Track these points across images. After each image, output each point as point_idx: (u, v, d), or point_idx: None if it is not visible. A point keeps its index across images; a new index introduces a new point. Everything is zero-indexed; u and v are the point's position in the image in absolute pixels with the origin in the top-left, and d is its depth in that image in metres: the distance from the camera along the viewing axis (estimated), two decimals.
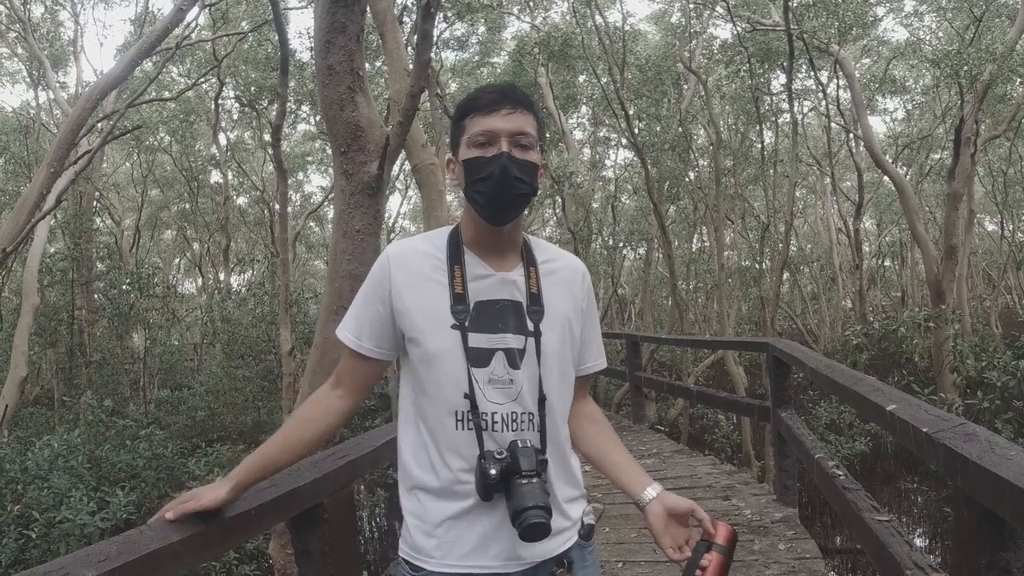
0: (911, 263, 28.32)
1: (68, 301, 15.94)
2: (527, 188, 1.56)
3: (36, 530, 7.22)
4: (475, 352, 1.56)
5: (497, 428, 1.56)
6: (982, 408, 8.21)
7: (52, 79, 18.08)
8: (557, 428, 1.63)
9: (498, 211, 1.57)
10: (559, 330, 1.63)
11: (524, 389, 1.58)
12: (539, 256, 1.69)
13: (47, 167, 10.08)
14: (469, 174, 1.57)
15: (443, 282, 1.60)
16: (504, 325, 1.59)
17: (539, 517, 1.45)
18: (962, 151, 14.01)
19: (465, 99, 1.64)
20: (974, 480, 1.83)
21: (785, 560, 4.32)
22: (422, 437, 1.61)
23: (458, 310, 1.57)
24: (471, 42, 20.70)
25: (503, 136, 1.54)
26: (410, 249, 1.66)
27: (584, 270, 1.76)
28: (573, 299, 1.69)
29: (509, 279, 1.62)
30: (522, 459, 1.50)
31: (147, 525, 1.73)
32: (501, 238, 1.63)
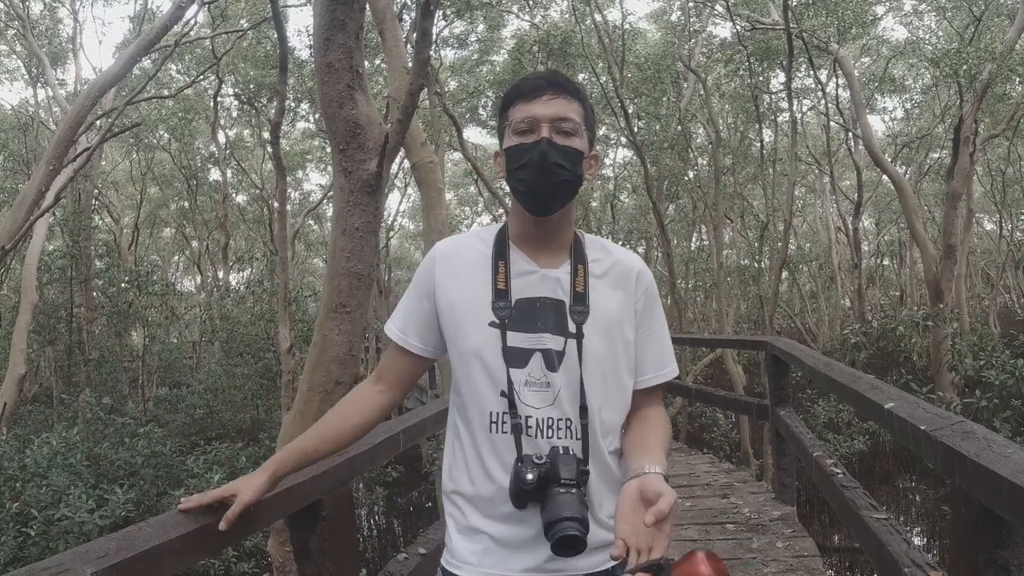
0: (910, 262, 28.33)
1: (67, 299, 15.94)
2: (569, 175, 1.49)
3: (35, 527, 7.23)
4: (513, 352, 1.50)
5: (532, 433, 1.48)
6: (980, 407, 8.22)
7: (51, 76, 18.05)
8: (599, 437, 1.53)
9: (539, 200, 1.51)
10: (605, 333, 1.54)
11: (562, 394, 1.50)
12: (591, 254, 1.60)
13: (46, 164, 10.07)
14: (510, 162, 1.52)
15: (487, 278, 1.55)
16: (544, 324, 1.52)
17: (574, 529, 1.35)
18: (961, 150, 14.01)
19: (509, 88, 1.59)
20: (972, 478, 1.83)
21: (783, 558, 4.32)
22: (461, 441, 1.58)
23: (499, 307, 1.52)
24: (470, 40, 20.69)
25: (544, 122, 1.49)
26: (457, 245, 1.63)
27: (642, 269, 1.64)
28: (626, 301, 1.58)
29: (552, 276, 1.55)
30: (563, 467, 1.41)
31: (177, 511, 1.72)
32: (547, 231, 1.56)
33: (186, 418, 13.61)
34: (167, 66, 18.48)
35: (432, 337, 1.62)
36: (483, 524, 1.52)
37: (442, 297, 1.57)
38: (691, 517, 5.29)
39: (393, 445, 3.13)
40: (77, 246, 16.07)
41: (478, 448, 1.53)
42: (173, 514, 1.84)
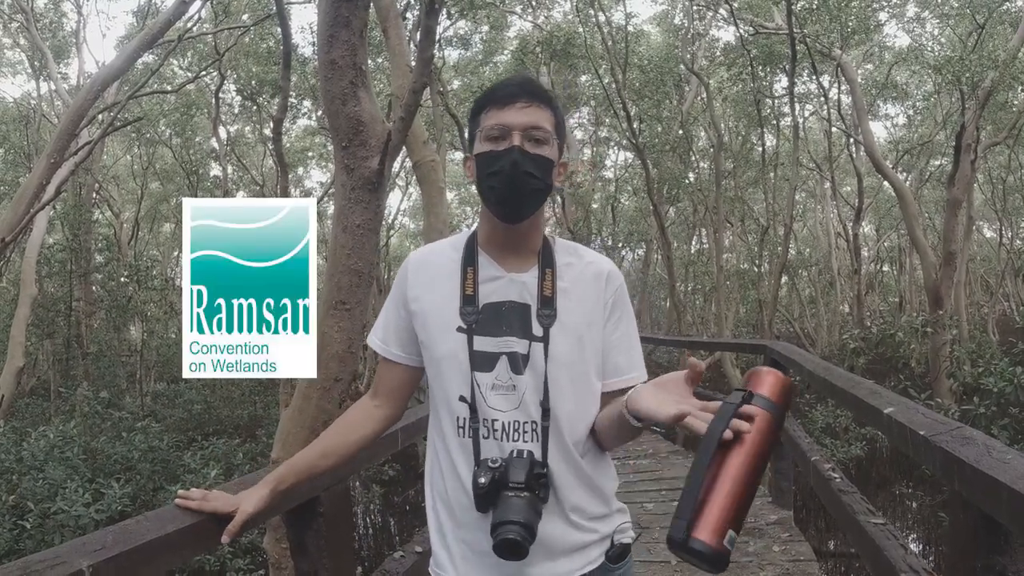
0: (909, 269, 28.32)
1: (66, 292, 15.94)
2: (540, 184, 1.50)
3: (31, 521, 7.21)
4: (480, 356, 1.51)
5: (498, 436, 1.49)
6: (978, 414, 8.21)
7: (54, 70, 18.05)
8: (566, 441, 1.51)
9: (509, 207, 1.52)
10: (573, 336, 1.53)
11: (527, 396, 1.50)
12: (561, 258, 1.59)
13: (47, 158, 10.07)
14: (480, 168, 1.52)
15: (456, 284, 1.56)
16: (509, 328, 1.52)
17: (514, 533, 1.35)
18: (962, 157, 14.01)
19: (482, 93, 1.60)
20: (971, 483, 1.83)
21: (780, 562, 4.32)
22: (436, 446, 1.59)
23: (466, 312, 1.53)
24: (474, 40, 20.69)
25: (516, 130, 1.49)
26: (429, 253, 1.65)
27: (612, 273, 1.62)
28: (595, 304, 1.57)
29: (519, 280, 1.55)
30: (513, 470, 1.42)
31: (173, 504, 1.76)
32: (516, 237, 1.57)
33: (184, 413, 13.60)
34: (169, 61, 18.45)
35: (412, 346, 1.63)
36: (458, 530, 1.53)
37: (414, 305, 1.59)
38: None
39: (391, 443, 3.13)
40: (77, 240, 16.07)
41: (450, 452, 1.54)
42: (170, 509, 1.84)
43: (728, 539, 1.19)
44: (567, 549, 1.49)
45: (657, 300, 27.74)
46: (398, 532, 13.61)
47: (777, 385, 1.25)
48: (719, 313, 18.16)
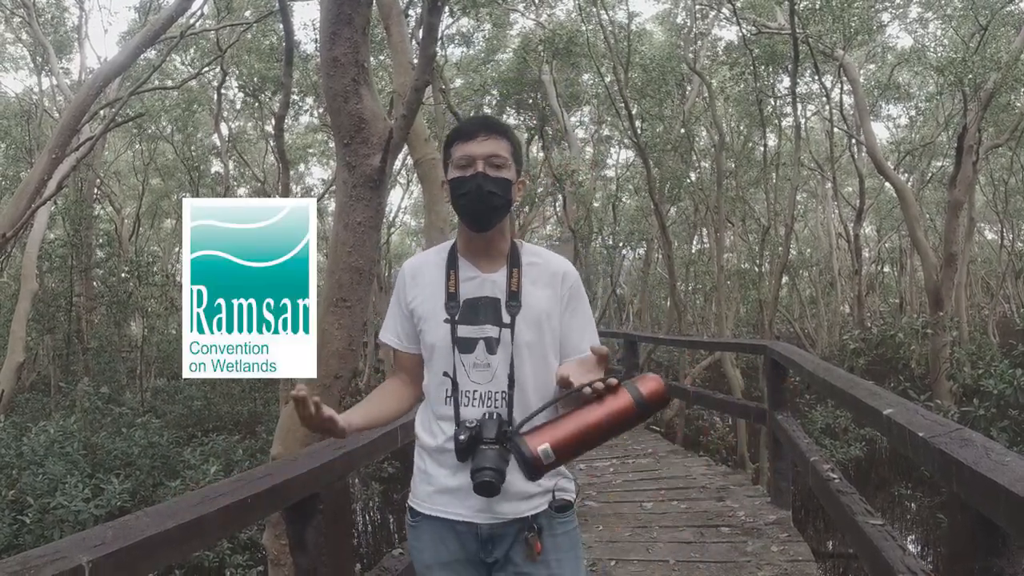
0: (910, 270, 28.31)
1: (67, 288, 15.94)
2: (501, 200, 1.87)
3: (30, 515, 7.22)
4: (462, 341, 1.88)
5: (475, 404, 1.86)
6: (978, 416, 8.21)
7: (55, 65, 18.04)
8: (529, 405, 1.83)
9: (478, 220, 1.88)
10: (535, 323, 1.89)
11: (499, 372, 1.87)
12: (526, 259, 1.95)
13: (49, 153, 10.07)
14: (453, 191, 1.88)
15: (441, 284, 1.93)
16: (484, 318, 1.89)
17: (489, 477, 1.70)
18: (964, 159, 14.01)
19: (453, 130, 1.96)
20: (969, 485, 1.83)
21: (778, 562, 4.33)
22: (427, 409, 1.97)
23: (450, 306, 1.90)
24: (476, 38, 20.69)
25: (479, 158, 1.85)
26: (420, 261, 2.02)
27: (566, 270, 1.99)
28: (554, 297, 1.94)
29: (491, 279, 1.92)
30: (486, 429, 1.77)
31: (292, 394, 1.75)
32: (486, 244, 1.93)
33: (183, 409, 13.59)
34: (172, 57, 18.46)
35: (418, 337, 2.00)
36: (436, 471, 1.92)
37: (411, 304, 1.97)
38: (686, 519, 5.30)
39: (391, 440, 3.14)
40: (78, 235, 16.05)
41: (435, 412, 1.92)
42: (169, 504, 1.85)
43: (543, 450, 1.57)
44: (518, 495, 1.85)
45: (657, 299, 27.73)
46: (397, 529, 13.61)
47: (651, 388, 1.62)
48: (719, 313, 18.15)
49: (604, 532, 5.07)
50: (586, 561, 4.51)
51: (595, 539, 4.92)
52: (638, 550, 4.69)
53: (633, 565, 4.47)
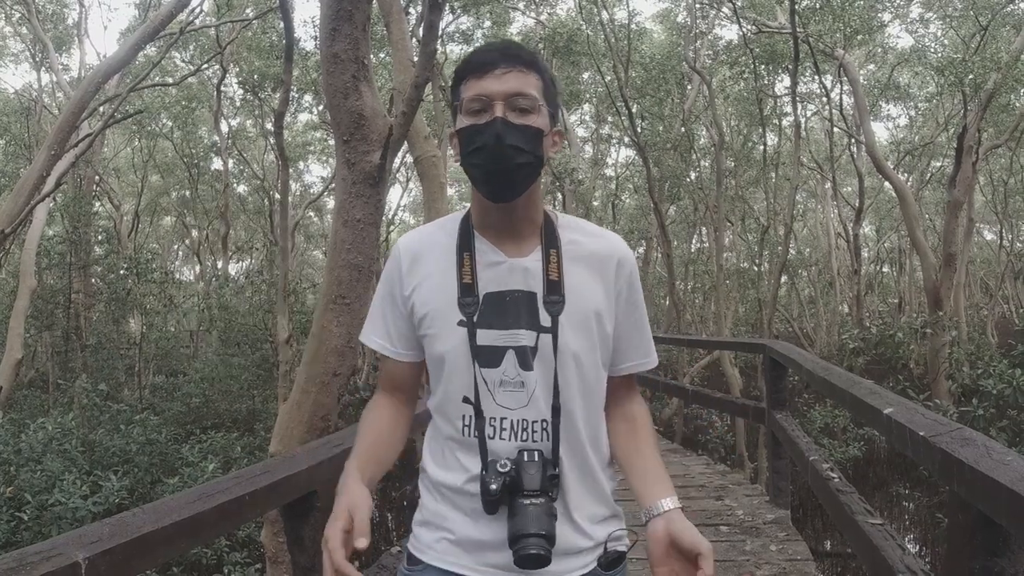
0: (909, 270, 28.34)
1: (65, 284, 15.93)
2: (528, 157, 1.36)
3: (28, 512, 7.21)
4: (484, 351, 1.39)
5: (505, 436, 1.39)
6: (977, 415, 8.22)
7: (55, 61, 18.01)
8: (577, 439, 1.43)
9: (496, 185, 1.38)
10: (582, 325, 1.42)
11: (537, 393, 1.39)
12: (565, 236, 1.46)
13: (48, 149, 10.06)
14: (463, 145, 1.38)
15: (451, 272, 1.43)
16: (516, 320, 1.40)
17: (537, 548, 1.28)
18: (964, 159, 14.01)
19: (460, 63, 1.45)
20: (970, 485, 1.82)
21: (776, 561, 4.32)
22: (438, 442, 1.48)
23: (466, 303, 1.40)
24: (476, 36, 20.65)
25: (497, 99, 1.35)
26: (420, 239, 1.51)
27: (623, 253, 1.49)
28: (604, 288, 1.45)
29: (521, 265, 1.42)
30: (526, 475, 1.34)
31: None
32: (513, 217, 1.43)
33: (182, 406, 13.59)
34: (171, 54, 18.45)
35: (416, 340, 1.50)
36: (451, 515, 1.44)
37: (411, 298, 1.46)
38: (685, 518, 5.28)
39: None
40: (77, 232, 16.04)
41: (454, 450, 1.44)
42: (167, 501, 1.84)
43: None
44: (564, 551, 1.38)
45: (656, 298, 27.72)
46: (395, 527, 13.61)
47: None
48: (718, 312, 18.15)
49: None
50: None
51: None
52: (637, 549, 4.67)
53: (632, 564, 4.42)
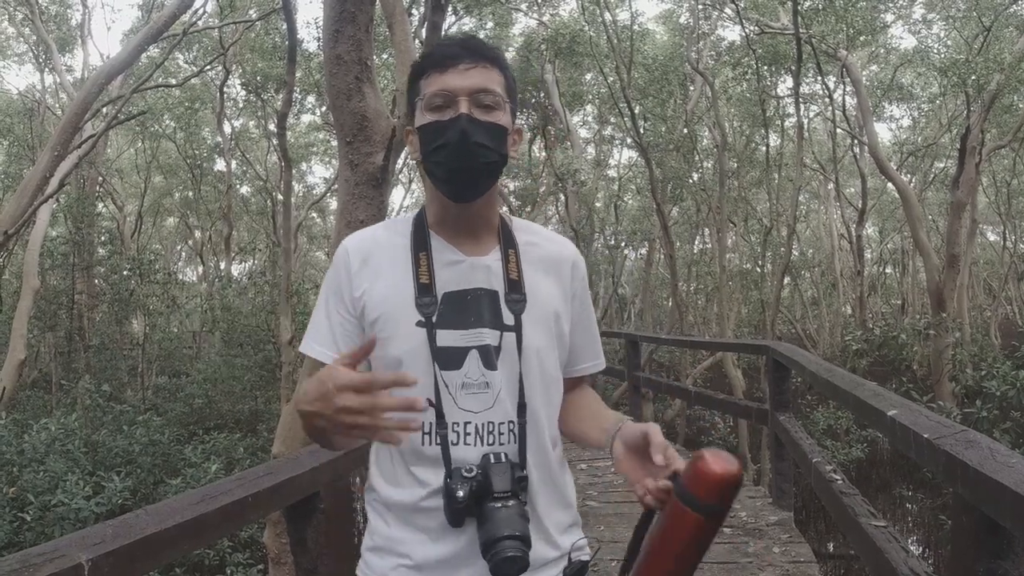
0: (912, 271, 28.30)
1: (68, 285, 15.94)
2: (493, 155, 1.33)
3: (31, 513, 7.22)
4: (444, 352, 1.34)
5: (470, 441, 1.33)
6: (980, 417, 8.21)
7: (58, 62, 18.05)
8: (541, 440, 1.39)
9: (460, 184, 1.35)
10: (544, 324, 1.40)
11: (503, 393, 1.35)
12: (521, 237, 1.45)
13: (51, 150, 10.07)
14: (425, 142, 1.35)
15: (407, 273, 1.38)
16: (478, 319, 1.36)
17: (515, 550, 1.22)
18: (967, 160, 14.00)
19: (420, 56, 1.42)
20: (974, 487, 1.82)
21: (780, 563, 4.31)
22: (390, 450, 1.38)
23: (424, 303, 1.35)
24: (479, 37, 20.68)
25: (462, 95, 1.31)
26: (370, 238, 1.45)
27: (576, 257, 1.50)
28: (561, 289, 1.45)
29: (482, 264, 1.39)
30: (495, 477, 1.28)
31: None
32: (471, 217, 1.40)
33: (185, 407, 13.60)
34: (174, 55, 18.48)
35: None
36: (408, 538, 1.36)
37: (361, 300, 1.39)
38: None
39: None
40: (80, 233, 16.06)
41: (408, 463, 1.36)
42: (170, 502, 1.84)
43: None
44: (535, 563, 1.31)
45: (659, 299, 27.73)
46: None
47: (711, 483, 1.08)
48: (721, 313, 18.12)
49: (606, 532, 5.06)
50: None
51: (595, 538, 4.91)
52: None
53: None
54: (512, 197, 22.59)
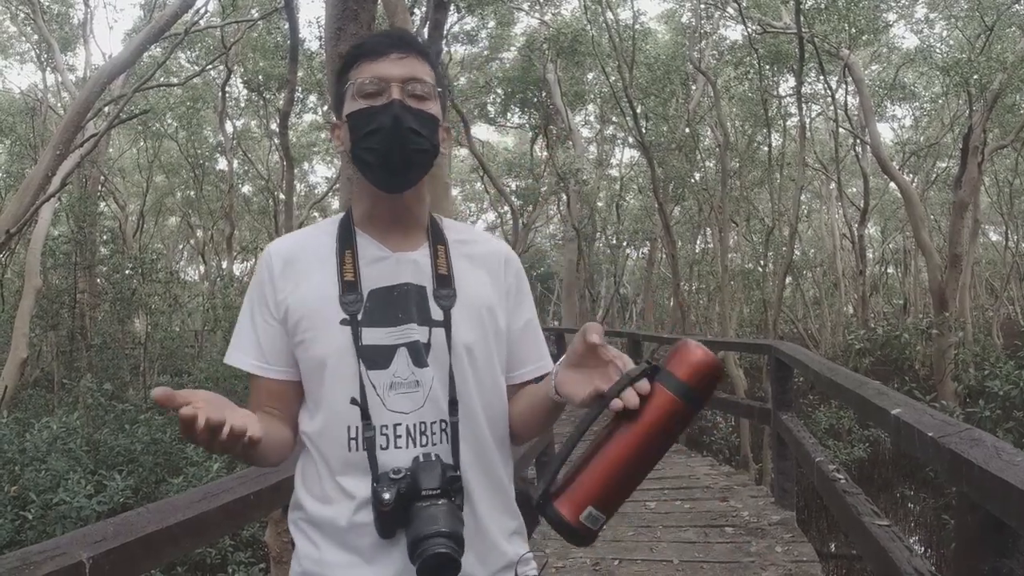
0: (914, 271, 28.28)
1: (70, 284, 15.95)
2: (425, 143, 1.30)
3: (32, 511, 7.22)
4: (371, 351, 1.28)
5: (401, 444, 1.26)
6: (983, 417, 8.20)
7: (60, 61, 18.07)
8: (482, 438, 1.32)
9: (393, 172, 1.30)
10: (475, 319, 1.34)
11: (434, 391, 1.28)
12: (451, 235, 1.41)
13: (53, 149, 10.07)
14: (356, 129, 1.30)
15: (331, 272, 1.33)
16: (406, 315, 1.30)
17: (442, 546, 1.12)
18: (969, 160, 13.99)
19: (350, 49, 1.39)
20: (979, 485, 1.81)
21: (782, 563, 4.31)
22: (314, 462, 1.31)
23: (348, 301, 1.30)
24: (481, 36, 20.68)
25: (394, 82, 1.29)
26: (294, 241, 1.41)
27: (509, 253, 1.46)
28: (494, 283, 1.40)
29: (409, 259, 1.35)
30: (423, 476, 1.20)
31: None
32: (400, 211, 1.36)
33: None
34: (176, 54, 18.48)
35: (292, 355, 1.35)
36: (338, 559, 1.27)
37: (284, 303, 1.33)
38: (690, 519, 5.28)
39: None
40: (82, 232, 16.07)
41: (333, 469, 1.28)
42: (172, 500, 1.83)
43: (586, 515, 1.11)
44: (493, 570, 1.28)
45: (661, 299, 27.71)
46: None
47: (692, 364, 1.10)
48: (723, 313, 18.11)
49: (607, 531, 5.04)
50: (589, 560, 4.50)
51: (599, 538, 4.90)
52: (642, 549, 4.68)
53: (637, 565, 4.45)
54: (514, 197, 22.59)
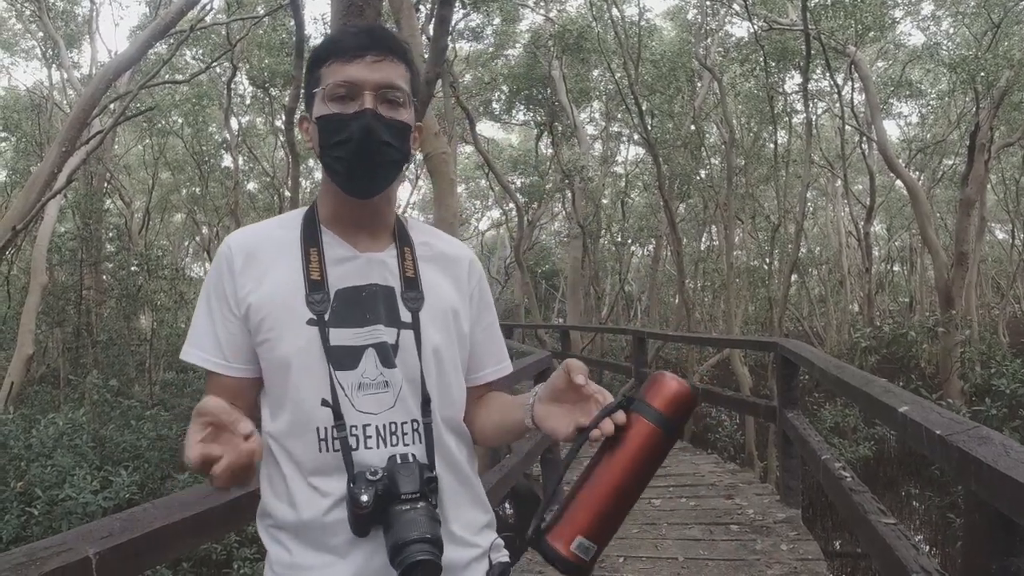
0: (920, 269, 28.17)
1: (76, 281, 16.00)
2: (397, 154, 1.29)
3: (38, 507, 7.24)
4: (339, 351, 1.27)
5: (371, 444, 1.26)
6: (989, 415, 8.18)
7: (66, 58, 18.10)
8: (447, 439, 1.34)
9: (360, 181, 1.29)
10: (442, 321, 1.36)
11: (404, 392, 1.29)
12: (417, 237, 1.42)
13: (59, 146, 10.09)
14: (325, 135, 1.29)
15: (296, 269, 1.31)
16: (374, 316, 1.30)
17: (425, 553, 1.15)
18: (976, 157, 13.93)
19: (322, 42, 1.35)
20: (987, 483, 1.80)
21: (787, 561, 4.30)
22: (281, 463, 1.30)
23: (315, 300, 1.28)
24: (486, 33, 20.65)
25: (368, 89, 1.26)
26: (255, 234, 1.38)
27: (473, 259, 1.47)
28: (458, 288, 1.41)
29: (378, 259, 1.35)
30: (402, 479, 1.21)
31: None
32: (367, 213, 1.36)
33: (192, 402, 13.52)
34: (182, 51, 18.50)
35: (254, 352, 1.33)
36: (312, 561, 1.26)
37: (246, 300, 1.30)
38: (695, 517, 5.27)
39: None
40: (88, 228, 16.11)
41: (303, 472, 1.28)
42: (178, 496, 1.83)
43: (577, 545, 1.14)
44: (452, 567, 1.27)
45: (666, 296, 27.68)
46: None
47: (667, 393, 1.17)
48: (728, 310, 18.09)
49: None
50: None
51: None
52: (647, 547, 4.67)
53: (642, 562, 4.45)
54: (519, 194, 22.57)
